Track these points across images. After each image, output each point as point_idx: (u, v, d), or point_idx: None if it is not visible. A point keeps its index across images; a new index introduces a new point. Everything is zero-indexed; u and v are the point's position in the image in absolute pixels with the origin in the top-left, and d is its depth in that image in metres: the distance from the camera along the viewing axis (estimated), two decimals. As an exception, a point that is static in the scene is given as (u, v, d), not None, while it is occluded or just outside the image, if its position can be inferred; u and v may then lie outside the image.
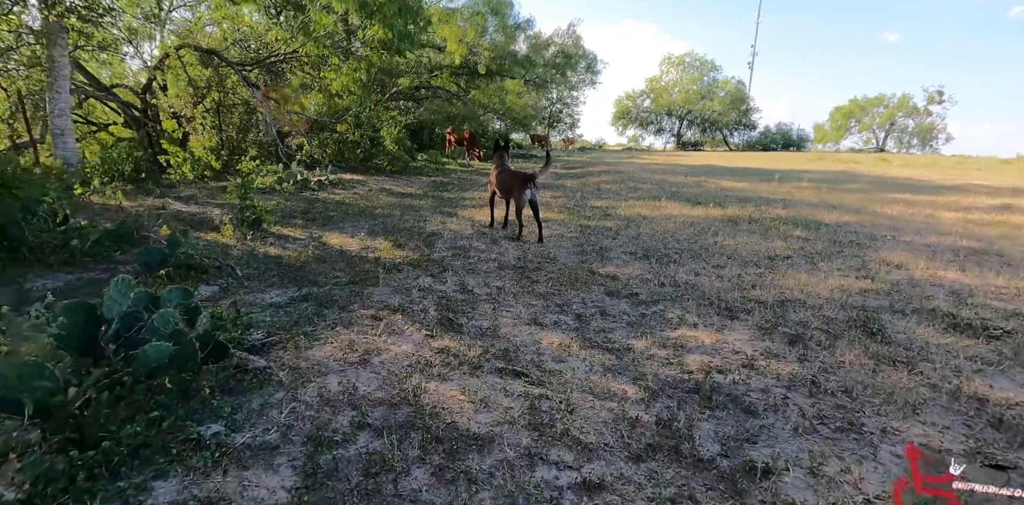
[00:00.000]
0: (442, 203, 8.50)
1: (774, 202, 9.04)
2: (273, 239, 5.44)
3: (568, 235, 6.09)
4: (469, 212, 7.51)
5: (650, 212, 7.73)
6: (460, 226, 6.43)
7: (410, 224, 6.50)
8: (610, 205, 8.43)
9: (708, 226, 6.64)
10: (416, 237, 5.73)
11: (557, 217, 7.29)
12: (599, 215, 7.53)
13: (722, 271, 4.58)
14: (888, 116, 43.34)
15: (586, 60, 22.20)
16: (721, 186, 11.65)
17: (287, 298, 3.68)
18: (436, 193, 9.87)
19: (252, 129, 11.53)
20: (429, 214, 7.34)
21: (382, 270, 4.39)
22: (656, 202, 8.74)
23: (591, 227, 6.59)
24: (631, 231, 6.35)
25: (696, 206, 8.37)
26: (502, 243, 5.56)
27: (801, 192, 10.80)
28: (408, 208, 7.80)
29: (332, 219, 6.65)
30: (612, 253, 5.26)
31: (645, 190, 10.50)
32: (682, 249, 5.42)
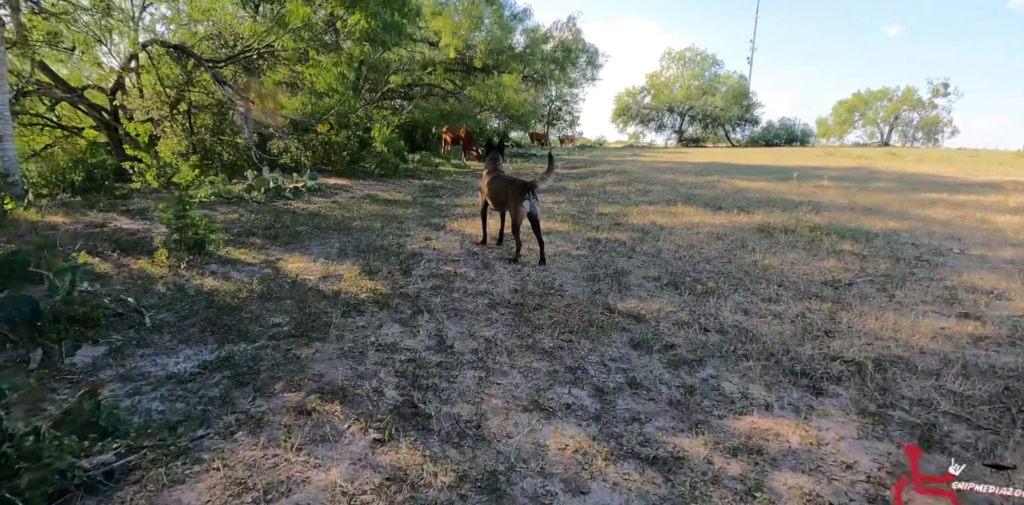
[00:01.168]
0: (431, 212, 7.45)
1: (802, 205, 7.97)
2: (217, 266, 4.39)
3: (575, 253, 5.04)
4: (460, 223, 6.45)
5: (667, 220, 6.67)
6: (447, 243, 5.38)
7: (389, 241, 5.45)
8: (620, 212, 7.37)
9: (739, 238, 5.58)
10: (392, 259, 4.68)
11: (561, 228, 6.23)
12: (609, 224, 6.48)
13: (777, 306, 3.53)
14: (892, 110, 42.09)
15: (587, 54, 20.97)
16: (737, 186, 10.57)
17: (197, 364, 2.64)
18: (426, 199, 8.82)
19: (227, 131, 10.47)
20: (414, 226, 6.28)
21: (338, 313, 3.34)
22: (671, 207, 7.67)
23: (601, 241, 5.53)
24: (649, 246, 5.29)
25: (717, 212, 7.31)
26: (496, 267, 4.51)
27: (826, 192, 9.72)
28: (391, 219, 6.75)
29: (298, 236, 5.60)
30: (631, 278, 4.20)
31: (656, 193, 9.42)
32: (716, 272, 4.37)
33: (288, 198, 7.88)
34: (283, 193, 7.89)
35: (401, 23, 9.99)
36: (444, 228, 6.19)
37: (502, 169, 5.23)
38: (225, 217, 6.31)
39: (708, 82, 40.58)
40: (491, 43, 15.07)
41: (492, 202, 5.04)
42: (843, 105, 43.79)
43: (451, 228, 6.19)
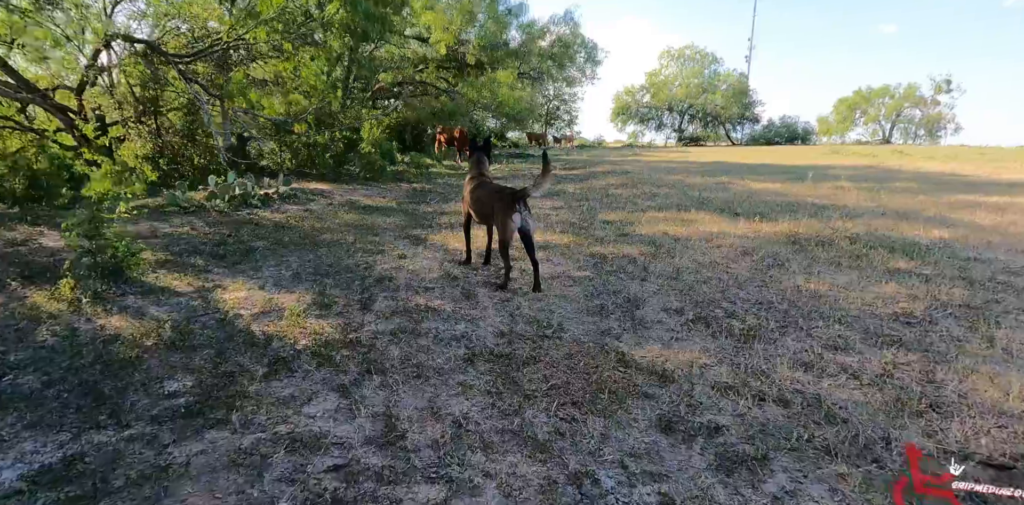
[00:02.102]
0: (414, 221, 6.56)
1: (827, 210, 7.09)
2: (135, 298, 3.50)
3: (577, 275, 4.16)
4: (443, 236, 5.56)
5: (680, 230, 5.79)
6: (424, 263, 4.49)
7: (357, 259, 4.56)
8: (626, 219, 6.49)
9: (769, 254, 4.70)
10: (355, 286, 3.80)
11: (560, 240, 5.35)
12: (614, 235, 5.60)
13: (847, 357, 2.64)
14: (895, 107, 41.12)
15: (586, 49, 19.98)
16: (750, 188, 9.69)
17: (28, 472, 1.77)
18: (411, 206, 7.94)
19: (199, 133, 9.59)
20: (391, 240, 5.40)
21: (261, 373, 2.46)
22: (683, 214, 6.79)
23: (607, 258, 4.65)
24: (664, 264, 4.41)
25: (735, 219, 6.42)
26: (479, 296, 3.62)
27: (847, 194, 8.84)
28: (367, 231, 5.87)
29: (252, 254, 4.72)
30: (647, 311, 3.33)
31: (664, 196, 8.54)
32: (753, 302, 3.48)
33: (256, 206, 6.99)
34: (250, 201, 7.00)
35: (385, 14, 9.10)
36: (424, 242, 5.31)
37: (488, 174, 4.35)
38: (174, 231, 5.43)
39: (708, 80, 39.59)
40: (485, 38, 14.16)
41: (476, 214, 4.16)
42: (844, 103, 42.78)
43: (432, 242, 5.30)
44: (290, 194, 7.80)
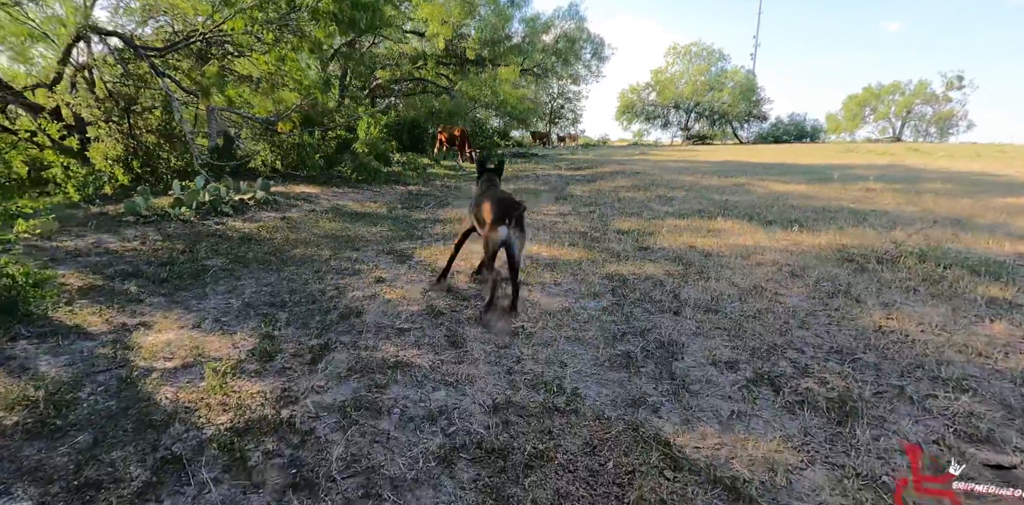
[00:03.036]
0: (403, 231, 5.74)
1: (869, 217, 6.23)
2: (28, 342, 2.69)
3: (592, 306, 3.32)
4: (432, 251, 4.73)
5: (709, 242, 4.94)
6: (406, 289, 3.66)
7: (327, 284, 3.74)
8: (643, 228, 5.64)
9: (825, 275, 3.85)
10: (313, 325, 2.97)
11: (569, 256, 4.52)
12: (633, 249, 4.76)
13: (999, 454, 1.80)
14: (905, 104, 39.97)
15: (592, 45, 18.95)
16: (773, 191, 8.82)
17: None
18: (403, 212, 7.12)
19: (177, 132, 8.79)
20: (371, 256, 4.58)
21: (135, 489, 1.65)
22: (708, 222, 5.94)
23: (628, 280, 3.81)
24: (699, 290, 3.57)
25: (770, 228, 5.57)
26: (468, 342, 2.78)
27: (882, 198, 7.96)
28: (346, 244, 5.05)
29: (203, 275, 3.91)
30: (689, 362, 2.49)
31: (682, 200, 7.68)
32: (827, 349, 2.64)
33: (227, 214, 6.18)
34: (221, 208, 6.19)
35: (376, 2, 8.26)
36: (410, 259, 4.48)
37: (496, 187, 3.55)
38: (120, 246, 4.62)
39: (715, 77, 38.50)
40: (485, 32, 13.29)
41: (476, 222, 3.34)
42: (853, 100, 41.65)
43: (420, 259, 4.47)
44: (268, 200, 6.99)
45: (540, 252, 4.70)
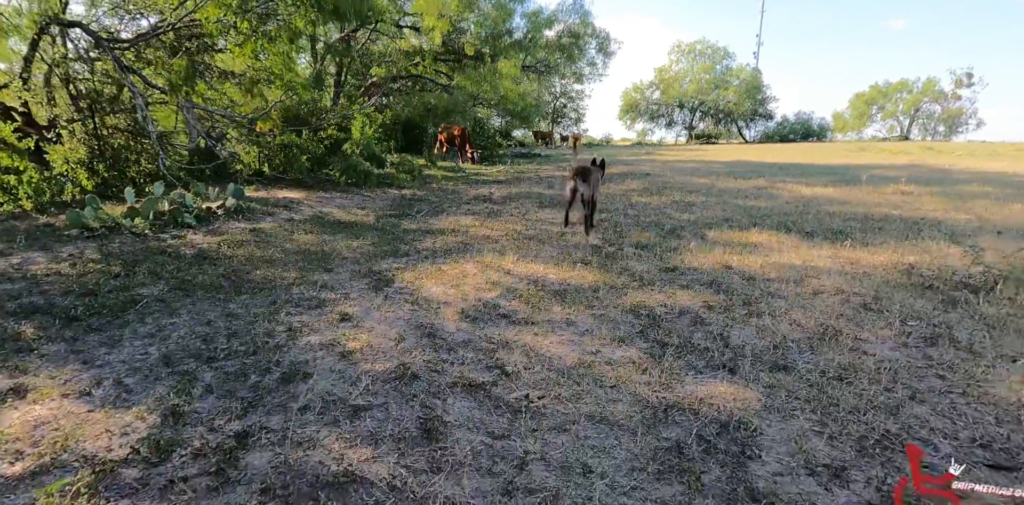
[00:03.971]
0: (387, 245, 4.92)
1: (922, 227, 5.40)
2: None
3: (617, 357, 2.49)
4: (419, 273, 3.91)
5: (748, 261, 4.11)
6: (375, 334, 2.84)
7: (278, 323, 2.93)
8: (665, 241, 4.82)
9: (909, 310, 3.01)
10: (240, 393, 2.16)
11: (583, 279, 3.69)
12: (657, 270, 3.93)
13: None
14: (913, 102, 38.95)
15: (597, 40, 17.98)
16: (800, 195, 7.97)
17: None
18: (392, 220, 6.30)
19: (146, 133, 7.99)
20: (344, 282, 3.76)
21: None
22: (739, 233, 5.11)
23: (659, 315, 2.99)
24: (752, 330, 2.74)
25: (813, 241, 4.74)
26: (448, 425, 1.95)
27: (923, 202, 7.12)
28: (319, 263, 4.24)
29: (129, 308, 3.11)
30: (773, 469, 1.67)
31: (703, 206, 6.84)
32: (968, 439, 1.81)
33: (190, 226, 5.38)
34: (182, 219, 5.37)
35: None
36: (390, 285, 3.65)
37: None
38: (44, 268, 3.82)
39: (720, 76, 37.52)
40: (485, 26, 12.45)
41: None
42: (860, 98, 40.63)
43: (401, 285, 3.64)
44: (241, 208, 6.17)
45: (547, 273, 3.88)
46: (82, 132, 7.54)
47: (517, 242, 4.94)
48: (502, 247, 4.73)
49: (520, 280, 3.72)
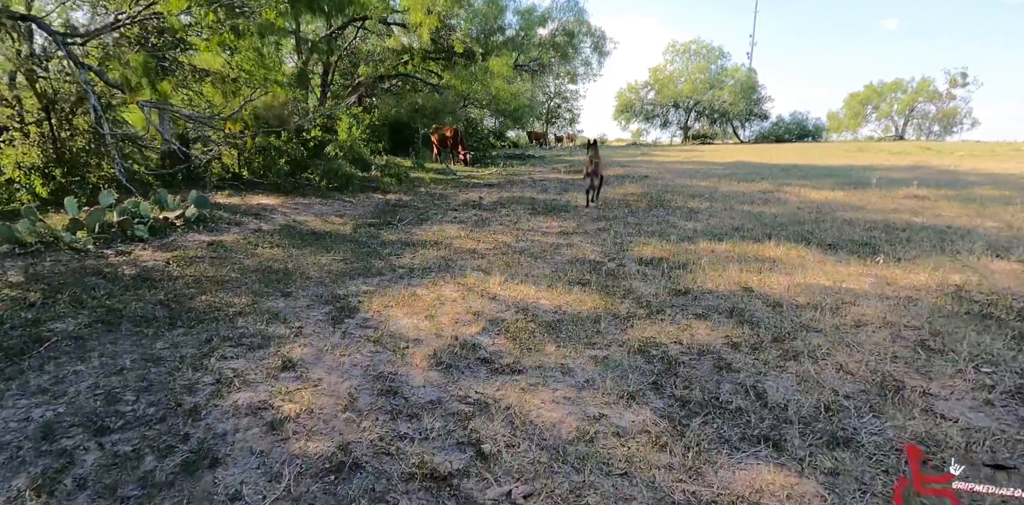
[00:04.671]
0: (360, 261, 4.35)
1: (952, 237, 4.87)
2: None
3: (627, 423, 1.93)
4: (388, 299, 3.33)
5: (771, 281, 3.56)
6: (316, 395, 2.27)
7: (205, 372, 2.35)
8: (673, 255, 4.27)
9: (978, 350, 2.46)
10: (125, 490, 1.59)
11: (580, 306, 3.13)
12: (667, 294, 3.38)
13: None
14: (908, 102, 38.62)
15: (592, 38, 17.41)
16: (810, 199, 7.44)
17: None
18: (371, 230, 5.73)
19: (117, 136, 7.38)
20: (300, 311, 3.19)
21: None
22: (753, 246, 4.56)
23: (674, 358, 2.44)
24: (796, 383, 2.19)
25: (838, 255, 4.20)
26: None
27: (942, 208, 6.61)
28: (278, 284, 3.66)
29: (28, 351, 2.53)
30: None
31: (708, 213, 6.30)
32: None
33: (141, 239, 4.78)
34: (132, 231, 4.78)
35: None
36: (353, 315, 3.08)
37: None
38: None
39: (715, 75, 37.04)
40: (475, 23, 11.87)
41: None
42: (855, 98, 40.27)
43: (367, 315, 3.07)
44: (204, 217, 5.57)
45: (539, 298, 3.32)
46: (37, 134, 6.93)
47: (506, 257, 4.38)
48: (488, 264, 4.16)
49: (507, 308, 3.16)
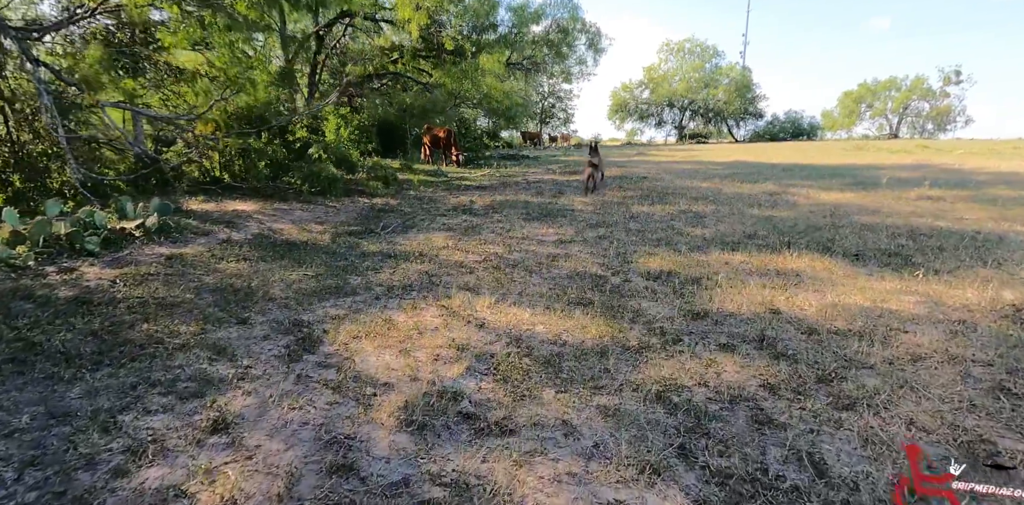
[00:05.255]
0: (334, 277, 3.85)
1: (988, 245, 4.43)
2: None
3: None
4: (360, 327, 2.83)
5: (800, 301, 3.09)
6: (251, 471, 1.78)
7: (117, 435, 1.86)
8: (684, 267, 3.80)
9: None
10: None
11: (582, 335, 2.65)
12: (683, 317, 2.91)
13: None
14: (902, 100, 38.36)
15: (588, 35, 16.90)
16: (820, 201, 7.00)
17: None
18: (351, 239, 5.23)
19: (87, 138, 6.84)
20: (254, 344, 2.69)
21: None
22: (772, 257, 4.09)
23: (700, 409, 1.96)
24: (859, 448, 1.72)
25: (867, 267, 3.75)
26: None
27: (959, 210, 6.19)
28: (235, 308, 3.16)
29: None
30: None
31: (716, 218, 5.84)
32: None
33: (91, 253, 4.26)
34: (82, 244, 4.26)
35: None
36: (315, 349, 2.58)
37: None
38: None
39: (709, 74, 36.63)
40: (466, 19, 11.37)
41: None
42: (849, 96, 39.95)
43: (331, 350, 2.57)
44: (168, 227, 5.05)
45: (534, 325, 2.84)
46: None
47: (497, 272, 3.89)
48: (477, 281, 3.68)
49: (497, 337, 2.67)
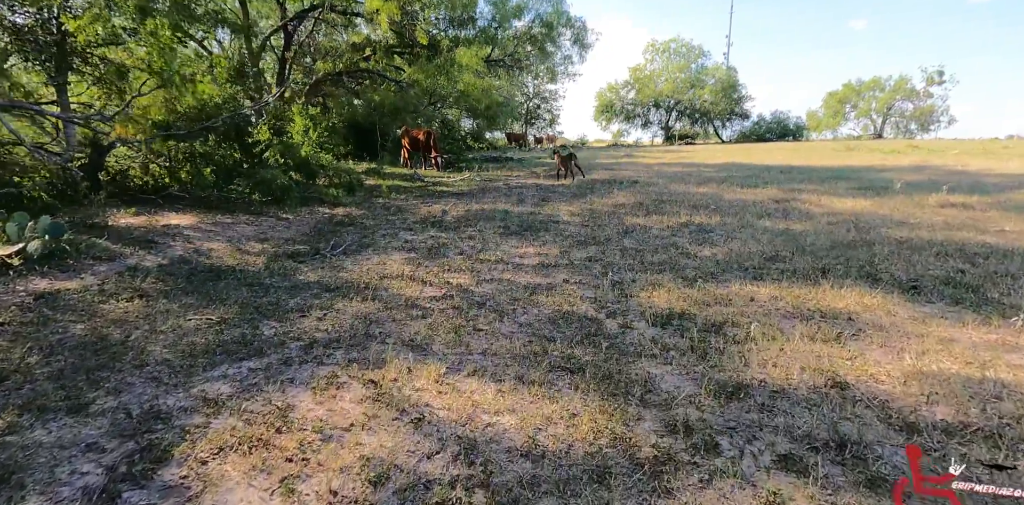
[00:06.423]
0: (243, 326, 2.89)
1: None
2: None
3: None
4: (242, 423, 1.89)
5: (867, 365, 2.21)
6: None
7: None
8: (700, 308, 2.91)
9: None
10: None
11: (570, 434, 1.73)
12: (706, 394, 2.00)
13: None
14: (886, 100, 38.13)
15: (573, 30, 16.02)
16: (835, 210, 6.17)
17: None
18: (289, 264, 4.26)
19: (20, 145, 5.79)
20: (60, 465, 1.73)
21: None
22: (809, 289, 3.22)
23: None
24: None
25: (933, 306, 2.89)
26: None
27: (994, 219, 5.41)
28: (74, 391, 2.20)
29: None
30: None
31: (724, 233, 4.97)
32: None
33: (-66, 291, 3.25)
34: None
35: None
36: (152, 477, 1.63)
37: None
38: None
39: (695, 74, 36.00)
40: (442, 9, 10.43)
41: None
42: (834, 97, 39.66)
43: (172, 483, 1.63)
44: (59, 251, 4.04)
45: (498, 416, 1.92)
46: None
47: (457, 317, 2.97)
48: (429, 332, 2.75)
49: (440, 447, 1.75)
